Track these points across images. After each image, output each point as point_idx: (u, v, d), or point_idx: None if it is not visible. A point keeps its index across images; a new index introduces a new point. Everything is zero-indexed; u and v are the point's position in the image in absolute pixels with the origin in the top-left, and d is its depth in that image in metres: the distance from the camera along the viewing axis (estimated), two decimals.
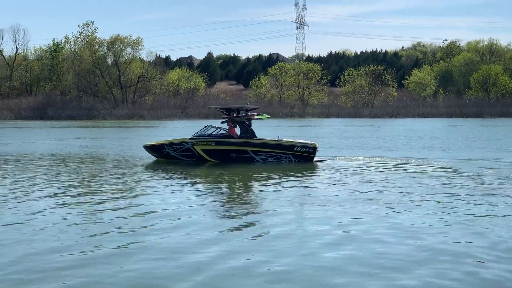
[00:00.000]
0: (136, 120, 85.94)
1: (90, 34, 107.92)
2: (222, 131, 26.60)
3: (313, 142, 26.95)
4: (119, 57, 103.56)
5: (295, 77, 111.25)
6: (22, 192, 18.27)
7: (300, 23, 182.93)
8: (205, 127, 27.47)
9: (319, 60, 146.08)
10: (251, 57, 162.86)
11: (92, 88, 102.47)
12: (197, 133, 27.06)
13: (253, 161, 26.09)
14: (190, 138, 26.56)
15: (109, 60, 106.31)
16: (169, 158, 26.70)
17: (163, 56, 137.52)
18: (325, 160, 26.96)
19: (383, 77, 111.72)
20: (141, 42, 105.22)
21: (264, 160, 26.18)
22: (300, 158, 26.17)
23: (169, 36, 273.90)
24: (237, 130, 26.60)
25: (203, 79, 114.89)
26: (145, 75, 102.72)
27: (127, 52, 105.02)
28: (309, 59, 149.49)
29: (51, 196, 17.31)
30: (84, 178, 21.68)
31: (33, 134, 52.42)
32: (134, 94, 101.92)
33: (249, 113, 26.73)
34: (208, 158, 26.26)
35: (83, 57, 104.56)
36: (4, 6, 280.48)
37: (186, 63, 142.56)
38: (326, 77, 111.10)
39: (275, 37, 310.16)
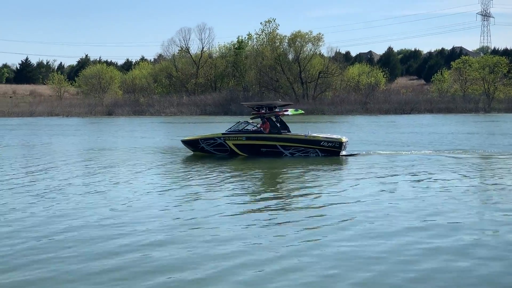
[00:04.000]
0: (316, 115, 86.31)
1: (271, 31, 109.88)
2: (254, 127, 28.28)
3: (339, 137, 28.09)
4: (299, 53, 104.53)
5: (480, 70, 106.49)
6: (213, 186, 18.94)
7: (485, 15, 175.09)
8: (238, 122, 29.27)
9: (505, 52, 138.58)
10: (433, 51, 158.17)
11: (273, 84, 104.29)
12: (230, 128, 28.86)
13: (282, 155, 27.56)
14: (222, 134, 28.62)
15: (290, 56, 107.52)
16: (204, 152, 28.73)
17: (343, 52, 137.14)
18: (357, 154, 28.21)
19: None
20: (321, 38, 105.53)
21: (292, 155, 27.59)
22: (326, 153, 27.50)
23: (349, 31, 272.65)
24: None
25: (384, 74, 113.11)
26: (326, 71, 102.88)
27: (308, 48, 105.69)
28: (495, 52, 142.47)
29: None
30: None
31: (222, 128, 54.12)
32: (315, 89, 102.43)
33: (276, 110, 28.28)
34: (239, 152, 28.02)
35: (265, 53, 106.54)
36: (192, 7, 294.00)
37: (366, 58, 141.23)
38: None
39: (458, 30, 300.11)
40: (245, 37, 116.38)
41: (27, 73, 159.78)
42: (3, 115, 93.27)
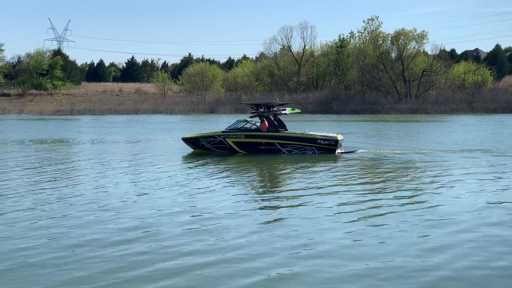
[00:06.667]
0: (419, 114, 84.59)
1: (374, 29, 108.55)
2: (252, 125, 29.21)
3: (335, 135, 28.96)
4: (403, 51, 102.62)
5: None
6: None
7: None
8: (237, 121, 30.38)
9: None
10: None
11: (375, 82, 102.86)
12: (229, 126, 29.92)
13: (280, 152, 28.51)
14: (222, 132, 29.51)
15: (393, 55, 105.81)
16: (204, 149, 29.64)
17: (448, 49, 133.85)
18: (353, 151, 29.04)
19: None
20: (425, 35, 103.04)
21: (289, 152, 28.55)
22: (323, 150, 28.34)
23: (454, 29, 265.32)
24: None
25: (491, 73, 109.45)
26: (430, 69, 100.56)
27: (411, 46, 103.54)
28: None
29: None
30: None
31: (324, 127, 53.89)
32: (418, 88, 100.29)
33: (274, 109, 29.42)
34: (238, 150, 29.01)
35: (367, 52, 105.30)
36: (294, 5, 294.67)
37: (472, 56, 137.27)
38: None
39: None
40: (347, 36, 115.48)
41: (133, 71, 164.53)
42: (110, 112, 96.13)
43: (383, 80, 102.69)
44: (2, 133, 47.21)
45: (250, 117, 30.10)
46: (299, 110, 32.53)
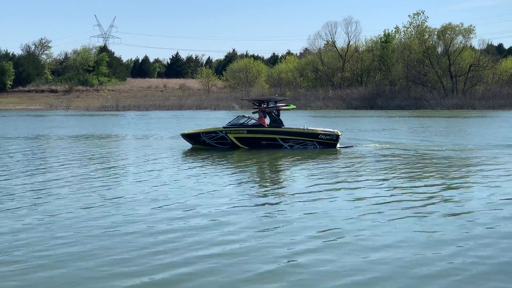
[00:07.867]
0: (466, 110, 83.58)
1: (420, 23, 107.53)
2: (253, 121, 29.31)
3: (335, 130, 29.19)
4: (449, 46, 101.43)
5: None
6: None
7: None
8: (238, 117, 30.47)
9: None
10: None
11: (421, 78, 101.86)
12: (230, 122, 30.04)
13: (282, 147, 28.73)
14: (223, 127, 29.64)
15: (439, 50, 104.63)
16: (205, 145, 29.54)
17: (496, 44, 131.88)
18: (351, 146, 29.43)
19: None
20: (473, 30, 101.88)
21: (291, 147, 28.78)
22: (324, 145, 28.67)
23: (502, 23, 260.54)
24: (267, 120, 29.30)
25: None
26: (477, 64, 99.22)
27: (458, 41, 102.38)
28: None
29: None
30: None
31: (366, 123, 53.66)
32: (465, 83, 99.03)
33: (277, 104, 29.56)
34: (240, 145, 29.06)
35: (413, 47, 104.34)
36: (339, 1, 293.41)
37: None
38: None
39: None
40: (392, 31, 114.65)
41: (177, 67, 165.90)
42: (155, 108, 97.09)
43: (429, 75, 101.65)
44: (55, 129, 48.06)
45: (253, 112, 30.09)
46: (294, 106, 33.31)
